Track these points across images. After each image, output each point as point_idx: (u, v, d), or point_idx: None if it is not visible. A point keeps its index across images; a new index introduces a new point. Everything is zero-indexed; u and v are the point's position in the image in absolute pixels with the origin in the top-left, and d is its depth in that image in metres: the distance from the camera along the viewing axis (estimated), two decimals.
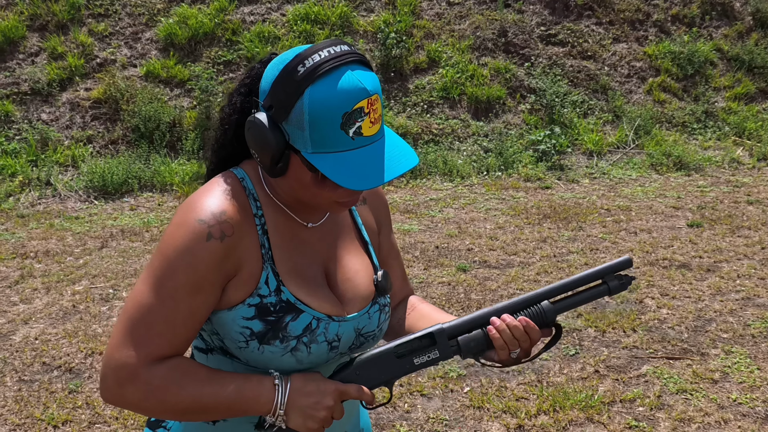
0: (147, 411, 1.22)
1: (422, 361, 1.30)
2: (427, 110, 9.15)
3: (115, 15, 9.67)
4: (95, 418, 3.41)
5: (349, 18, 9.81)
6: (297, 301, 1.28)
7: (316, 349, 1.29)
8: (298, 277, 1.31)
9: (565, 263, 5.39)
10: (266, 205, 1.30)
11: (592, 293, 1.34)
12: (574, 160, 8.62)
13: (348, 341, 1.35)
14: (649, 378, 3.73)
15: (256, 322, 1.26)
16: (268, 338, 1.25)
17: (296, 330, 1.27)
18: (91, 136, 8.55)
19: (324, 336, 1.29)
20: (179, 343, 1.22)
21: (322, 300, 1.32)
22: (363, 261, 1.42)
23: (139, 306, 1.20)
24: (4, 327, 4.43)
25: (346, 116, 1.16)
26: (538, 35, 10.07)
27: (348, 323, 1.34)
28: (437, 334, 1.30)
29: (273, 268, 1.28)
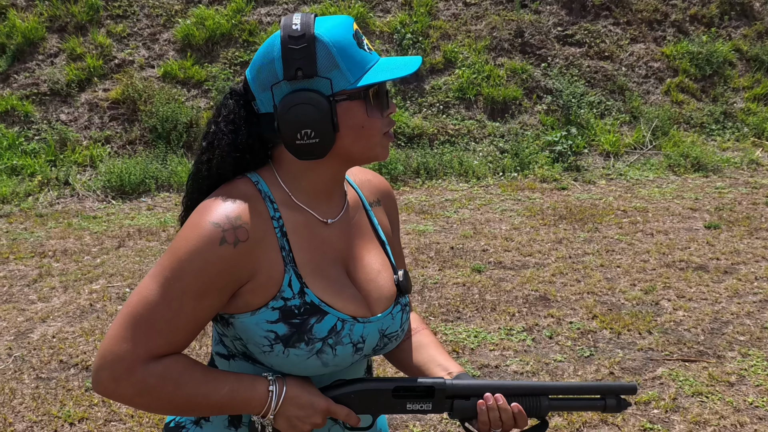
0: (138, 406, 1.22)
1: (414, 409, 1.32)
2: (443, 111, 9.15)
3: (133, 16, 9.74)
4: (111, 416, 3.44)
5: (366, 19, 9.83)
6: (321, 303, 1.26)
7: (341, 351, 1.28)
8: (321, 278, 1.29)
9: (580, 264, 5.37)
10: (283, 207, 1.29)
11: (586, 404, 1.37)
12: (590, 161, 8.58)
13: (372, 342, 1.35)
14: (665, 380, 3.71)
15: (280, 325, 1.24)
16: (293, 341, 1.24)
17: (321, 332, 1.25)
18: (109, 137, 8.62)
19: (349, 338, 1.29)
20: (178, 343, 1.22)
21: (347, 301, 1.31)
22: (383, 261, 1.42)
23: (144, 302, 1.19)
24: (23, 325, 4.47)
25: (355, 37, 1.25)
26: (555, 36, 10.03)
27: (373, 324, 1.33)
28: (438, 391, 1.31)
29: (295, 270, 1.26)
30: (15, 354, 4.08)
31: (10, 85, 9.02)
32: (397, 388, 1.31)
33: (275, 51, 1.24)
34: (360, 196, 1.44)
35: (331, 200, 1.36)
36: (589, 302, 4.66)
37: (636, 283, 4.99)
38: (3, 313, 4.66)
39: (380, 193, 1.50)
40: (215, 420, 1.36)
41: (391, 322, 1.37)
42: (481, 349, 4.08)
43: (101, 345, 1.20)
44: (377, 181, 1.52)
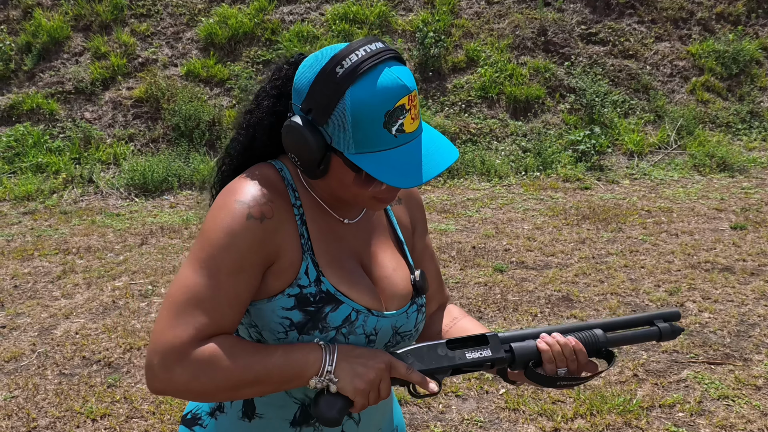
0: (197, 393, 1.18)
1: (474, 357, 1.28)
2: (465, 110, 9.11)
3: (156, 15, 9.80)
4: (133, 412, 3.45)
5: (388, 17, 9.81)
6: (337, 292, 1.27)
7: (354, 341, 1.28)
8: (337, 268, 1.30)
9: (603, 265, 5.31)
10: (304, 197, 1.31)
11: (643, 334, 1.38)
12: (614, 161, 8.50)
13: (384, 338, 1.34)
14: (690, 383, 3.65)
15: (295, 312, 1.25)
16: (307, 329, 1.25)
17: (335, 321, 1.26)
18: (133, 135, 8.68)
19: (362, 329, 1.29)
20: (224, 323, 1.20)
21: (362, 292, 1.31)
22: (399, 260, 1.41)
23: (183, 288, 1.19)
24: (46, 321, 4.51)
25: (388, 114, 1.15)
26: (579, 34, 9.95)
27: (386, 320, 1.33)
28: (491, 337, 1.30)
29: (312, 258, 1.27)
30: (39, 350, 4.11)
31: (36, 83, 9.11)
32: (450, 340, 1.29)
33: (312, 73, 1.19)
34: None
35: (351, 204, 1.37)
36: (612, 303, 4.61)
37: (660, 285, 4.93)
38: (27, 309, 4.70)
39: (403, 192, 1.50)
40: (229, 411, 1.36)
41: (406, 321, 1.37)
42: None
43: (149, 343, 1.20)
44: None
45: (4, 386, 3.71)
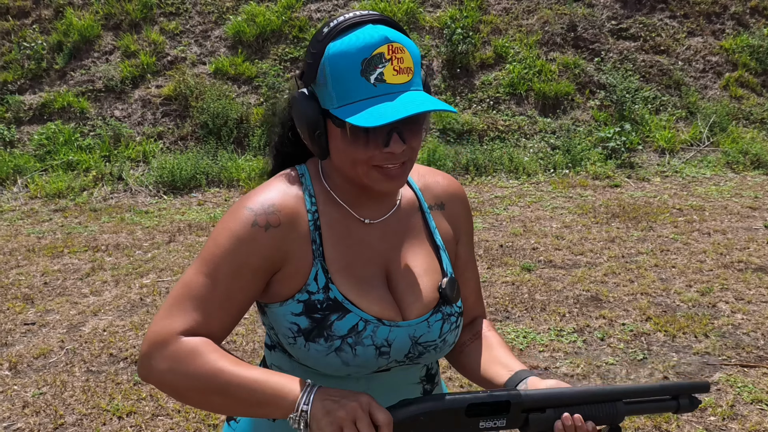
0: (170, 387, 1.16)
1: (487, 426, 1.20)
2: (493, 106, 9.03)
3: (185, 13, 9.85)
4: (158, 410, 3.46)
5: (416, 14, 9.76)
6: (345, 300, 1.24)
7: (362, 352, 1.24)
8: (349, 275, 1.27)
9: (633, 264, 5.23)
10: (323, 201, 1.29)
11: (660, 406, 1.31)
12: (644, 158, 8.37)
13: (402, 349, 1.28)
14: (722, 386, 3.57)
15: (303, 318, 1.24)
16: (313, 336, 1.23)
17: (341, 330, 1.23)
18: (162, 133, 8.74)
19: (371, 339, 1.24)
20: (214, 324, 1.20)
21: (373, 301, 1.26)
22: (431, 265, 1.34)
23: (182, 284, 1.22)
24: (75, 318, 4.55)
25: (365, 62, 1.15)
26: (609, 29, 9.82)
27: (401, 329, 1.27)
28: (513, 404, 1.20)
29: (323, 264, 1.25)
30: (67, 347, 4.15)
31: (67, 81, 9.21)
32: (470, 406, 1.17)
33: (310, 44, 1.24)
34: (419, 198, 1.38)
35: (378, 201, 1.33)
36: (642, 303, 4.53)
37: (692, 284, 4.83)
38: (57, 306, 4.75)
39: (448, 196, 1.42)
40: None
41: (427, 330, 1.29)
42: (530, 350, 3.99)
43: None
44: (446, 183, 1.43)
45: (32, 382, 3.75)
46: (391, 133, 1.17)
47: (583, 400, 1.24)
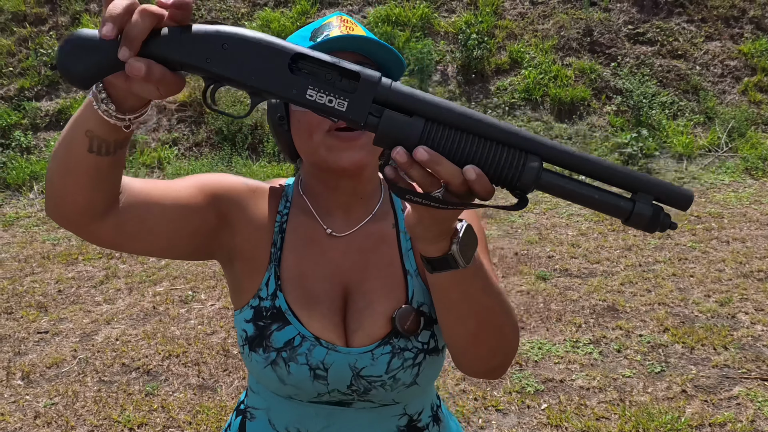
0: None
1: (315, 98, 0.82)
2: (508, 112, 8.98)
3: (200, 19, 9.87)
4: (170, 422, 3.44)
5: (430, 19, 9.72)
6: (288, 311, 1.19)
7: (295, 370, 1.17)
8: (300, 286, 1.21)
9: (651, 273, 5.16)
10: (296, 208, 1.27)
11: (602, 199, 0.83)
12: (662, 164, 8.28)
13: (341, 378, 1.17)
14: (742, 400, 3.50)
15: (250, 325, 1.20)
16: (254, 345, 1.19)
17: (278, 342, 1.17)
18: (177, 139, 8.75)
19: (306, 358, 1.16)
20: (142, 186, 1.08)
21: (315, 318, 1.18)
22: (392, 291, 1.21)
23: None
24: (88, 327, 4.54)
25: (314, 32, 1.16)
26: (626, 34, 9.73)
27: (341, 356, 1.17)
28: (365, 81, 0.82)
29: (277, 270, 1.21)
30: (79, 356, 4.14)
31: None
32: (297, 55, 0.83)
33: None
34: (396, 216, 1.28)
35: (348, 214, 1.26)
36: (660, 314, 4.46)
37: (711, 295, 4.76)
38: (70, 314, 4.75)
39: None
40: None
41: (370, 363, 1.17)
42: (545, 361, 3.94)
43: None
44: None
45: (45, 392, 3.74)
46: None
47: (475, 129, 0.81)
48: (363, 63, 1.12)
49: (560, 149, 0.82)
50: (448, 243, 0.94)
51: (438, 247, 0.94)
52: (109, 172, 0.96)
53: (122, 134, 0.92)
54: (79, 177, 0.95)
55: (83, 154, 0.93)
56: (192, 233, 1.15)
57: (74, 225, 1.01)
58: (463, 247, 0.94)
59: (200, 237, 1.17)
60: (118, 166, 0.97)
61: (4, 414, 3.53)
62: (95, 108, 0.88)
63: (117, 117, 0.88)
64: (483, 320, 1.06)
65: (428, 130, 0.81)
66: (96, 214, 1.00)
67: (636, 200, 0.82)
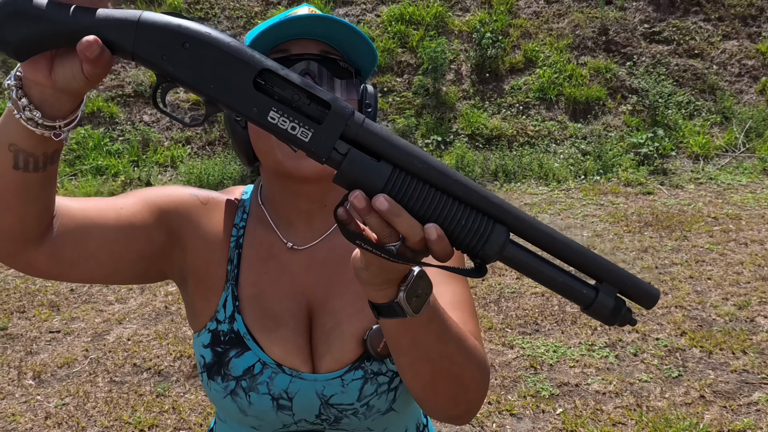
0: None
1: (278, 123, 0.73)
2: (522, 111, 8.91)
3: (214, 18, 9.86)
4: (180, 423, 3.42)
5: (444, 18, 9.67)
6: (247, 335, 1.08)
7: (256, 400, 1.07)
8: (259, 307, 1.10)
9: (668, 275, 5.08)
10: (253, 220, 1.15)
11: (565, 283, 0.77)
12: (678, 164, 8.19)
13: (308, 408, 1.08)
14: (762, 406, 3.44)
15: (208, 350, 1.10)
16: (213, 372, 1.09)
17: (236, 369, 1.07)
18: (190, 138, 8.74)
19: (267, 387, 1.06)
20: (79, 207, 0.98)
21: (276, 342, 1.08)
22: (362, 310, 1.09)
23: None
24: (100, 326, 4.53)
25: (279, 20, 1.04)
26: (641, 33, 9.64)
27: (306, 383, 1.07)
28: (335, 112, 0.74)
29: (234, 290, 1.10)
30: (91, 356, 4.13)
31: (97, 87, 9.25)
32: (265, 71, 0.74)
33: None
34: None
35: (310, 224, 1.15)
36: (677, 317, 4.39)
37: (729, 298, 4.68)
38: (82, 314, 4.73)
39: None
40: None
41: (340, 390, 1.07)
42: (560, 365, 3.88)
43: None
44: None
45: (56, 393, 3.73)
46: (303, 75, 1.02)
47: (445, 186, 0.75)
48: (330, 53, 1.05)
49: (530, 223, 0.77)
50: (395, 290, 0.84)
51: (384, 294, 0.84)
52: (40, 191, 0.85)
53: (52, 146, 0.81)
54: (5, 197, 0.83)
55: (8, 171, 0.81)
56: (138, 256, 1.04)
57: (4, 254, 0.90)
58: (412, 295, 0.84)
59: (148, 259, 1.06)
60: (49, 184, 0.86)
61: (15, 414, 3.52)
62: (17, 117, 0.77)
63: (45, 125, 0.77)
64: (439, 369, 0.94)
65: (395, 179, 0.74)
66: (28, 240, 0.88)
67: (599, 290, 0.77)
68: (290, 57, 1.03)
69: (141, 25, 0.73)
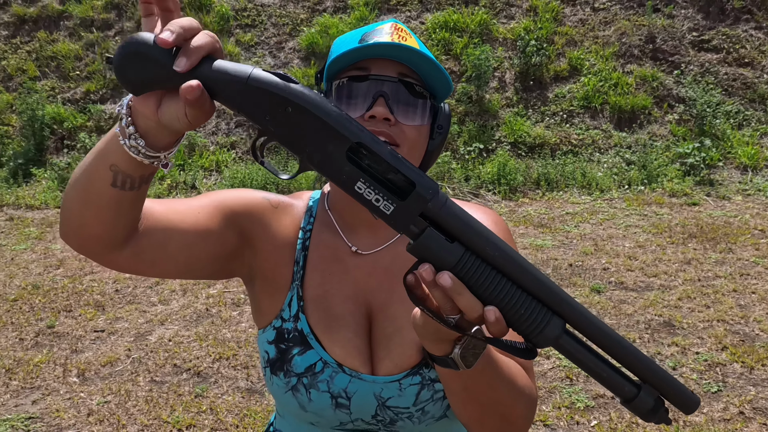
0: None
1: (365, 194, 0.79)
2: (566, 120, 8.84)
3: (261, 25, 10.01)
4: (217, 424, 3.48)
5: (489, 25, 9.66)
6: (310, 334, 1.14)
7: (316, 397, 1.12)
8: (323, 308, 1.15)
9: (710, 288, 5.00)
10: (319, 224, 1.21)
11: (611, 378, 0.82)
12: (725, 175, 8.04)
13: (365, 407, 1.12)
14: None
15: (273, 347, 1.16)
16: (276, 368, 1.15)
17: (299, 367, 1.13)
18: (235, 142, 8.88)
19: (327, 385, 1.12)
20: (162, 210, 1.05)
21: (338, 342, 1.13)
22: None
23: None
24: (143, 327, 4.64)
25: (365, 35, 1.10)
26: (690, 41, 9.49)
27: (365, 384, 1.12)
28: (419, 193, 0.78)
29: (299, 290, 1.16)
30: (133, 356, 4.23)
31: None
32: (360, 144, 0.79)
33: None
34: None
35: (374, 231, 1.20)
36: (719, 331, 4.32)
37: None
38: (126, 314, 4.85)
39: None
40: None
41: (397, 393, 1.11)
42: None
43: None
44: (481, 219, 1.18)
45: (98, 390, 3.83)
46: (376, 96, 1.07)
47: (510, 272, 0.79)
48: (408, 76, 1.09)
49: (587, 318, 0.80)
50: (451, 347, 0.90)
51: (439, 348, 0.90)
52: (131, 207, 0.92)
53: (149, 169, 0.88)
54: (100, 210, 0.91)
55: (105, 188, 0.88)
56: (212, 257, 1.11)
57: (91, 254, 0.98)
58: (466, 353, 0.89)
59: (221, 260, 1.13)
60: (140, 201, 0.93)
61: (60, 410, 3.63)
62: (121, 143, 0.84)
63: (147, 155, 0.84)
64: (487, 410, 1.01)
65: (464, 262, 0.79)
66: (115, 244, 0.96)
67: (642, 389, 0.82)
68: (369, 76, 1.08)
69: (249, 84, 0.78)
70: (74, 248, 0.98)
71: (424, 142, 1.13)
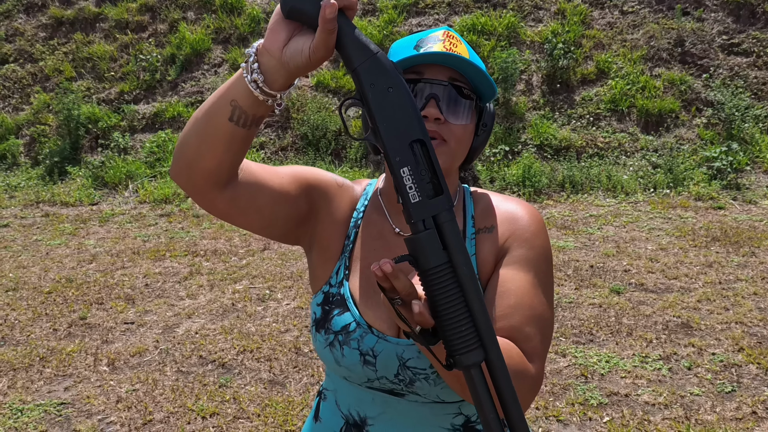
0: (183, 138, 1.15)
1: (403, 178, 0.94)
2: (593, 123, 8.86)
3: None
4: (240, 413, 3.61)
5: (516, 28, 9.70)
6: (349, 299, 1.28)
7: (348, 354, 1.25)
8: (363, 277, 1.30)
9: (730, 291, 5.02)
10: (371, 207, 1.37)
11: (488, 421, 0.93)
12: (753, 179, 8.00)
13: (389, 366, 1.23)
14: None
15: (320, 308, 1.31)
16: (319, 326, 1.29)
17: (336, 325, 1.27)
18: (264, 143, 9.04)
19: (358, 343, 1.25)
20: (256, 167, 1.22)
21: (371, 307, 1.27)
22: None
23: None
24: (171, 320, 4.79)
25: (419, 42, 1.23)
26: (719, 44, 9.45)
27: (389, 345, 1.23)
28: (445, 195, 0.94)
29: (347, 262, 1.32)
30: (161, 347, 4.38)
31: (178, 93, 9.68)
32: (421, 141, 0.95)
33: None
34: (465, 223, 1.32)
35: None
36: (736, 333, 4.34)
37: None
38: (155, 307, 5.01)
39: (505, 217, 1.31)
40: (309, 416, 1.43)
41: (416, 355, 1.22)
42: (611, 375, 3.91)
43: None
44: (512, 207, 1.31)
45: (127, 379, 3.98)
46: (429, 98, 1.21)
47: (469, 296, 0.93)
48: (457, 80, 1.23)
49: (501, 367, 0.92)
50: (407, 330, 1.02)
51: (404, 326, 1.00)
52: (240, 145, 1.08)
53: (262, 110, 1.03)
54: (215, 142, 1.06)
55: (223, 121, 1.04)
56: (288, 217, 1.27)
57: (197, 190, 1.12)
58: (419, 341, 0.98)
59: (293, 221, 1.29)
60: (247, 142, 1.08)
61: (90, 397, 3.78)
62: (245, 78, 0.99)
63: (264, 91, 1.00)
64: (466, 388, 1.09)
65: (442, 268, 0.92)
66: (219, 182, 1.11)
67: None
68: (422, 80, 1.22)
69: (374, 58, 0.94)
70: (183, 185, 1.13)
71: (470, 138, 1.29)
